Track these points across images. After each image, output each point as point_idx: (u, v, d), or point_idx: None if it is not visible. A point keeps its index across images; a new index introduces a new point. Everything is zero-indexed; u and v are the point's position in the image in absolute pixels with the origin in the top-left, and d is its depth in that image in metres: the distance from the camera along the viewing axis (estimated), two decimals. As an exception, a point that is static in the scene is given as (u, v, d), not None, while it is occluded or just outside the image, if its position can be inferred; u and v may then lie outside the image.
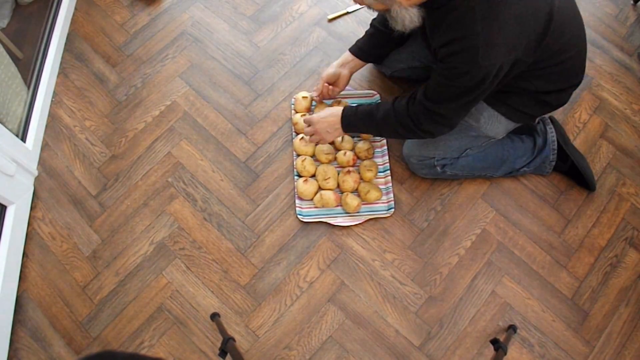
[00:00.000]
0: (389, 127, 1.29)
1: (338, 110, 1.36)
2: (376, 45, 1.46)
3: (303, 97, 1.55)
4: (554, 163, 1.45)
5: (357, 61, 1.49)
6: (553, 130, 1.44)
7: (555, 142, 1.44)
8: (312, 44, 1.72)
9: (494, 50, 1.03)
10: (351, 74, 1.50)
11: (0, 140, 1.31)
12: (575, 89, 1.30)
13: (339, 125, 1.36)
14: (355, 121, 1.34)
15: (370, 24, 1.46)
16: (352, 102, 1.58)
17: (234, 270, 1.41)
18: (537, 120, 1.44)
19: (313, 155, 1.51)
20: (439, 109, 1.18)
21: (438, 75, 1.14)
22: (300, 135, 1.51)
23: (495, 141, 1.41)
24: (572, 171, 1.47)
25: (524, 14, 1.02)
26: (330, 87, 1.50)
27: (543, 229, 1.45)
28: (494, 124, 1.33)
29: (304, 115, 1.51)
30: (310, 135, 1.42)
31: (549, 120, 1.46)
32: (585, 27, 1.72)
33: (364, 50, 1.47)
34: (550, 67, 1.16)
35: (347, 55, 1.49)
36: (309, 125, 1.40)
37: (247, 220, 1.47)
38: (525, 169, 1.45)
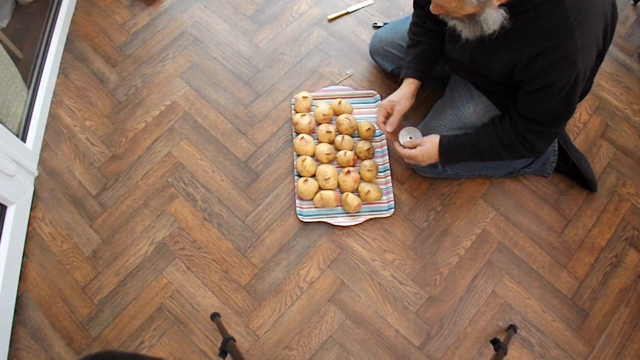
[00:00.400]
0: (494, 154, 1.23)
1: (434, 138, 1.28)
2: (431, 66, 1.33)
3: (303, 97, 1.55)
4: (554, 164, 1.45)
5: (415, 84, 1.34)
6: None
7: (557, 144, 1.43)
8: (312, 44, 1.72)
9: (588, 51, 1.00)
10: (410, 100, 1.35)
11: (0, 140, 1.31)
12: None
13: (434, 154, 1.29)
14: (457, 155, 1.27)
15: (412, 40, 1.32)
16: (352, 102, 1.58)
17: (234, 270, 1.41)
18: None
19: (313, 155, 1.51)
20: (551, 129, 1.13)
21: (536, 95, 1.06)
22: (301, 135, 1.51)
23: None
24: (573, 172, 1.47)
25: (602, 11, 1.00)
26: (393, 120, 1.34)
27: (543, 229, 1.45)
28: None
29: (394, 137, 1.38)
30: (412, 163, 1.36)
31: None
32: (586, 27, 1.74)
33: (421, 71, 1.33)
34: (596, 66, 1.14)
35: (406, 82, 1.34)
36: (413, 158, 1.32)
37: (247, 220, 1.47)
38: (525, 169, 1.45)
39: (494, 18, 0.98)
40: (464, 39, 1.07)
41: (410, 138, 1.35)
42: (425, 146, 1.30)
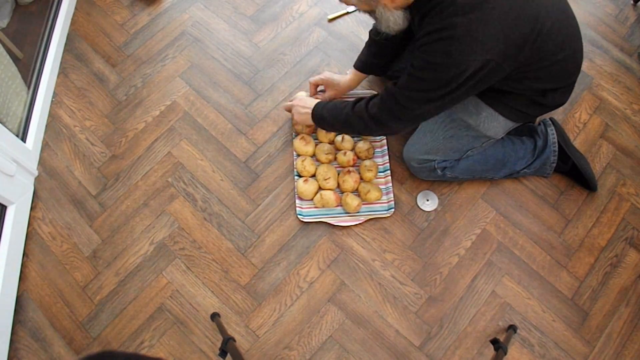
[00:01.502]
0: (348, 122, 1.29)
1: (313, 100, 1.40)
2: (375, 55, 1.44)
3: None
4: (554, 165, 1.45)
5: (358, 74, 1.48)
6: (554, 131, 1.44)
7: (556, 144, 1.43)
8: (312, 44, 1.72)
9: (469, 46, 1.00)
10: (349, 89, 1.52)
11: (0, 140, 1.31)
12: (571, 89, 1.29)
13: (309, 110, 1.38)
14: (323, 112, 1.35)
15: (369, 36, 1.44)
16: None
17: (234, 270, 1.41)
18: (537, 121, 1.43)
19: (313, 155, 1.51)
20: (401, 98, 1.14)
21: (410, 65, 1.10)
22: (300, 135, 1.51)
23: (495, 143, 1.41)
24: (573, 172, 1.47)
25: (508, 17, 1.00)
26: (318, 89, 1.54)
27: (543, 229, 1.45)
28: (492, 123, 1.33)
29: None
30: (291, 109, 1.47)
31: (549, 122, 1.46)
32: (586, 27, 1.74)
33: (362, 61, 1.46)
34: (542, 68, 1.15)
35: (349, 71, 1.50)
36: (291, 102, 1.46)
37: (247, 220, 1.47)
38: (525, 170, 1.45)
39: (392, 18, 1.08)
40: (383, 32, 1.16)
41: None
42: (308, 99, 1.42)
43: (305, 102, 1.41)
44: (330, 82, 1.50)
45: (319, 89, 1.57)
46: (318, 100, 1.39)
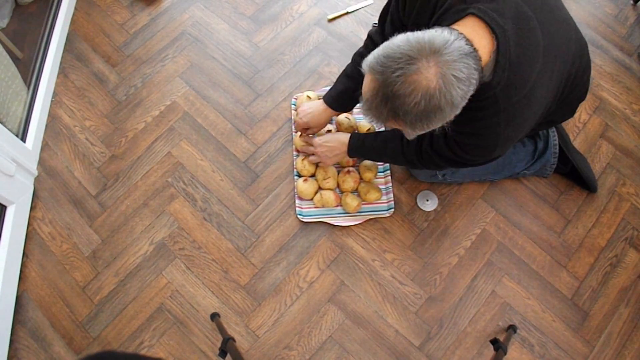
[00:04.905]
0: (396, 163, 1.32)
1: (343, 137, 1.35)
2: (350, 102, 1.37)
3: (307, 97, 1.54)
4: (554, 166, 1.44)
5: (330, 111, 1.40)
6: (555, 134, 1.43)
7: (557, 146, 1.42)
8: (312, 44, 1.72)
9: (510, 146, 1.06)
10: (324, 124, 1.43)
11: (0, 140, 1.31)
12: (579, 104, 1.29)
13: (341, 152, 1.36)
14: (362, 152, 1.33)
15: (350, 70, 1.31)
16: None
17: (234, 270, 1.41)
18: None
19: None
20: (441, 163, 1.17)
21: (447, 142, 1.08)
22: (299, 134, 1.51)
23: None
24: (573, 173, 1.46)
25: (545, 101, 1.01)
26: (308, 131, 1.45)
27: (543, 229, 1.45)
28: None
29: (304, 135, 1.48)
30: (310, 155, 1.43)
31: (552, 126, 1.45)
32: (586, 27, 1.74)
33: (341, 104, 1.38)
34: (562, 106, 1.16)
35: (321, 104, 1.40)
36: (310, 145, 1.40)
37: (247, 220, 1.47)
38: (525, 172, 1.45)
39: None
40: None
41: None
42: (327, 137, 1.37)
43: (328, 145, 1.36)
44: (307, 127, 1.43)
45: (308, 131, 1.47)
46: (341, 139, 1.34)
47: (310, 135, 1.46)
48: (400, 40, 0.82)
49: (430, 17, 0.97)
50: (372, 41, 1.24)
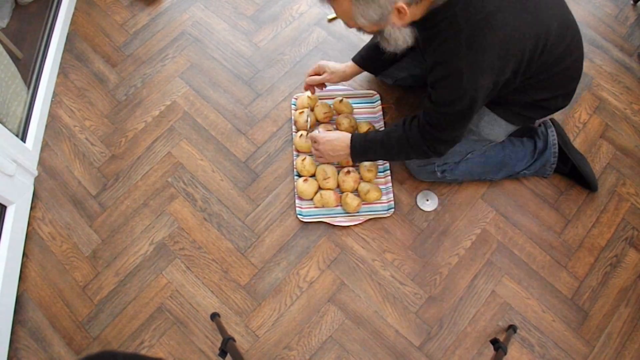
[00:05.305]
0: (403, 154, 1.30)
1: (345, 135, 1.36)
2: (372, 59, 1.44)
3: (308, 97, 1.54)
4: (554, 166, 1.45)
5: (354, 67, 1.47)
6: (554, 133, 1.43)
7: (557, 145, 1.43)
8: (312, 44, 1.72)
9: (479, 75, 1.03)
10: (343, 77, 1.48)
11: (0, 140, 1.31)
12: (573, 94, 1.30)
13: (344, 151, 1.36)
14: (366, 150, 1.33)
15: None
16: (352, 101, 1.58)
17: (234, 270, 1.41)
18: (538, 123, 1.43)
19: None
20: (442, 136, 1.19)
21: (431, 102, 1.14)
22: (300, 133, 1.51)
23: (495, 144, 1.41)
24: (573, 173, 1.46)
25: (512, 37, 1.01)
26: (317, 78, 1.48)
27: (543, 229, 1.45)
28: (493, 127, 1.33)
29: (306, 130, 1.51)
30: (315, 150, 1.42)
31: (550, 123, 1.46)
32: (586, 27, 1.74)
33: (362, 56, 1.45)
34: (546, 78, 1.17)
35: (350, 64, 1.48)
36: (315, 142, 1.40)
37: (247, 220, 1.47)
38: (525, 171, 1.45)
39: (401, 35, 1.06)
40: (385, 50, 1.14)
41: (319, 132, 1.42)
42: (331, 134, 1.37)
43: (332, 143, 1.36)
44: (324, 67, 1.47)
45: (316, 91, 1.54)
46: (343, 138, 1.35)
47: (316, 131, 1.45)
48: None
49: None
50: None
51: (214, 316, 1.32)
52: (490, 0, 0.98)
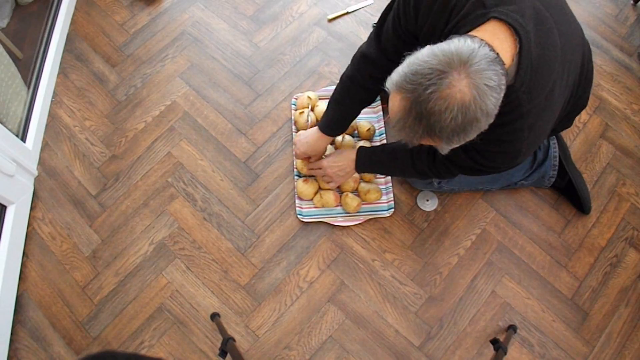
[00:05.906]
0: (406, 175, 1.38)
1: (350, 154, 1.33)
2: (350, 121, 1.34)
3: (308, 97, 1.54)
4: (553, 179, 1.43)
5: (326, 138, 1.37)
6: (556, 145, 1.41)
7: (557, 158, 1.40)
8: (312, 44, 1.72)
9: (534, 149, 1.04)
10: (323, 152, 1.42)
11: (0, 140, 1.31)
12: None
13: (351, 169, 1.35)
14: (371, 168, 1.34)
15: (341, 94, 1.27)
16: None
17: (234, 270, 1.41)
18: None
19: (313, 155, 1.51)
20: (458, 172, 1.15)
21: (469, 158, 1.05)
22: (300, 132, 1.50)
23: None
24: (569, 189, 1.44)
25: (560, 99, 0.98)
26: (309, 159, 1.45)
27: (543, 229, 1.45)
28: None
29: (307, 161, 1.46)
30: (322, 176, 1.41)
31: (552, 135, 1.44)
32: (586, 27, 1.75)
33: (331, 127, 1.35)
34: (570, 112, 1.17)
35: (316, 132, 1.38)
36: (319, 168, 1.39)
37: (247, 220, 1.47)
38: (523, 182, 1.44)
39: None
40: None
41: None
42: (334, 157, 1.35)
43: (337, 165, 1.34)
44: (306, 153, 1.40)
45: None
46: (348, 157, 1.32)
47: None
48: (425, 55, 0.79)
49: (446, 24, 0.94)
50: (368, 60, 1.17)
51: (214, 316, 1.32)
52: (547, 77, 0.91)
